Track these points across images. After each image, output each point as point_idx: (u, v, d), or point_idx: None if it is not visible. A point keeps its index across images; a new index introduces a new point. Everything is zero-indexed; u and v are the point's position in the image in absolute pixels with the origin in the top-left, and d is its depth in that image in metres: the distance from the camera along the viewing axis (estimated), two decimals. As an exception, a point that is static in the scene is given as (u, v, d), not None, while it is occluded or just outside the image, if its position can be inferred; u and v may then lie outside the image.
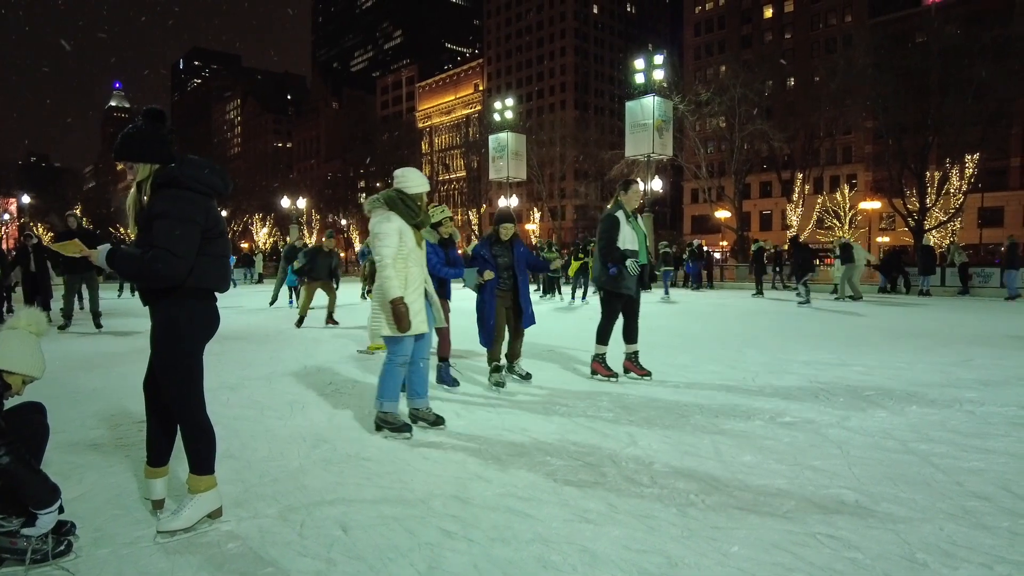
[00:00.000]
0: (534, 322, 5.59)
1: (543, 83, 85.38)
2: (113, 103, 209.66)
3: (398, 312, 3.75)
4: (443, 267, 5.28)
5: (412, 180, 3.99)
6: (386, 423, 3.99)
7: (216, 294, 2.69)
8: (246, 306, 15.03)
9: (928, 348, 7.53)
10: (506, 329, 5.51)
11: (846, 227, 47.25)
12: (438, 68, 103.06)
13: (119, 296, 18.33)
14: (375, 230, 3.86)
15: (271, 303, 14.60)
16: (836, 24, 59.11)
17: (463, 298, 7.60)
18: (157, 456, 2.75)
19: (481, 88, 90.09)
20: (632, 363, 5.81)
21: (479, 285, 5.32)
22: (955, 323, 10.48)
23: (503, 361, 5.57)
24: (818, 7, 60.95)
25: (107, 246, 2.52)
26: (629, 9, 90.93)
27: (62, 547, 2.39)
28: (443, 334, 5.47)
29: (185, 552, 2.43)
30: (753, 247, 19.68)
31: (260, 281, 29.96)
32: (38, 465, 2.51)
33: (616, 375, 5.72)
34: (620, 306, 5.65)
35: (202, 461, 2.62)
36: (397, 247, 3.83)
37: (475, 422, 4.32)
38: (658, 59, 26.98)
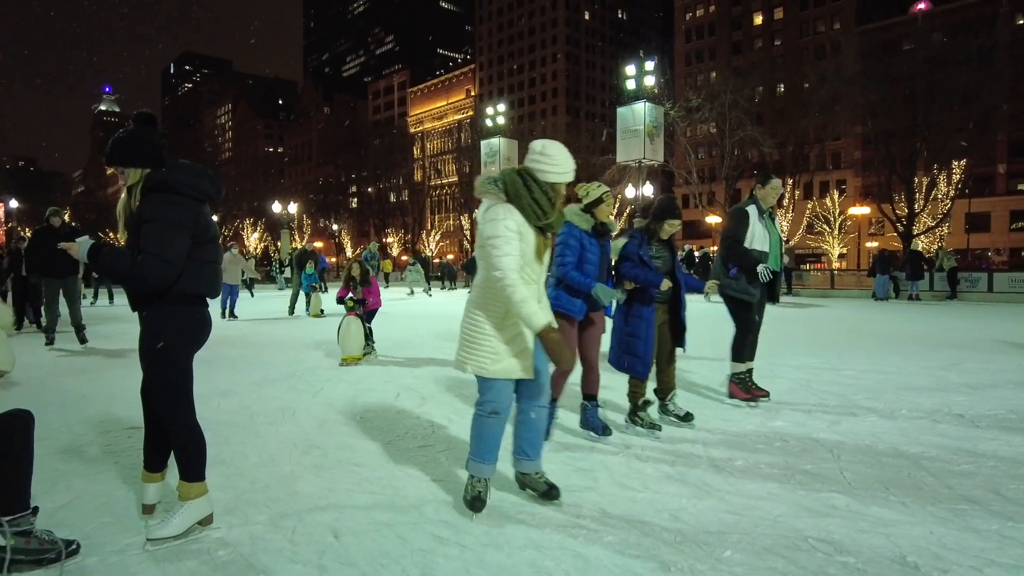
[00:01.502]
0: (685, 346, 4.39)
1: (535, 89, 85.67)
2: (103, 107, 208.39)
3: (552, 342, 2.65)
4: (585, 278, 3.76)
5: (556, 162, 2.77)
6: (468, 489, 2.93)
7: (207, 299, 2.67)
8: (238, 311, 14.92)
9: (917, 352, 7.58)
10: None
11: (836, 232, 47.62)
12: (430, 73, 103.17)
13: (93, 304, 17.32)
14: (487, 231, 2.70)
15: (290, 312, 13.62)
16: (825, 31, 59.68)
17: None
18: (153, 461, 2.73)
19: (473, 93, 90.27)
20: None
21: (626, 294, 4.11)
22: (944, 327, 10.56)
23: (650, 396, 4.32)
24: (807, 14, 61.55)
25: (89, 239, 2.46)
26: (620, 15, 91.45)
27: (73, 547, 2.40)
28: (590, 365, 4.08)
29: (175, 560, 2.40)
30: (699, 252, 20.85)
31: (252, 286, 29.77)
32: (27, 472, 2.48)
33: (757, 398, 4.91)
34: (754, 316, 4.86)
35: (192, 468, 2.60)
36: (520, 254, 2.71)
37: (466, 428, 4.29)
38: (649, 65, 27.16)
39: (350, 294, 7.30)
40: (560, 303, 3.75)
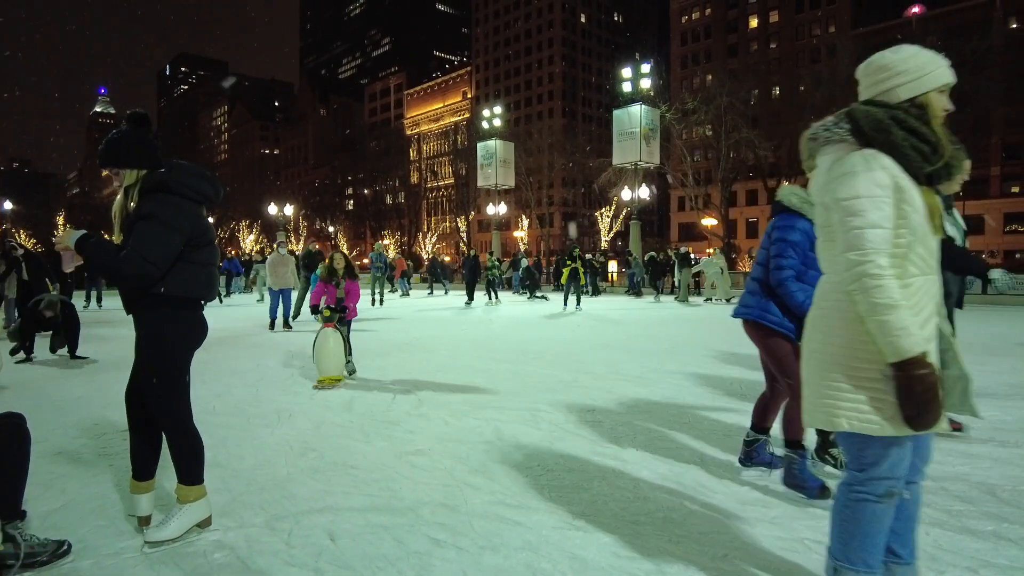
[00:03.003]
0: None
1: (531, 91, 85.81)
2: (98, 109, 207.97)
3: (921, 385, 1.65)
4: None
5: (902, 67, 1.79)
6: None
7: (203, 303, 2.65)
8: (233, 314, 14.90)
9: (912, 354, 7.60)
10: None
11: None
12: (426, 76, 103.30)
13: (85, 307, 16.50)
14: (841, 190, 1.73)
15: (294, 317, 11.92)
16: (820, 34, 59.99)
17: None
18: (143, 469, 2.68)
19: (469, 96, 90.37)
20: None
21: None
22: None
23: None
24: (803, 18, 61.85)
25: (81, 231, 2.43)
26: (616, 18, 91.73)
27: (63, 548, 2.39)
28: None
29: (170, 562, 2.39)
30: (646, 256, 22.28)
31: (247, 288, 29.71)
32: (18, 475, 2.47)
33: (961, 426, 4.06)
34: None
35: (190, 471, 2.59)
36: (894, 228, 1.71)
37: (463, 430, 4.30)
38: (645, 68, 27.29)
39: (324, 301, 6.15)
40: (773, 316, 2.93)
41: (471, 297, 17.77)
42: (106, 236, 2.60)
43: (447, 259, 25.49)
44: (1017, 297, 17.90)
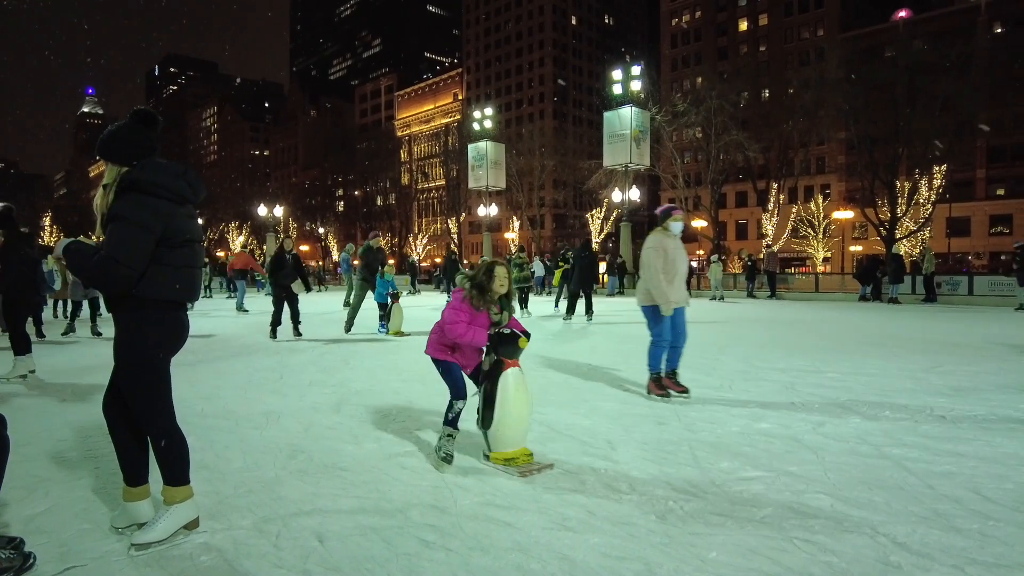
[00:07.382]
0: None
1: (522, 93, 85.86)
2: (86, 109, 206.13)
3: None
4: None
5: None
6: None
7: (184, 304, 2.61)
8: (227, 314, 14.79)
9: (899, 355, 7.67)
10: None
11: (820, 236, 48.12)
12: (417, 77, 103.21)
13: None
14: None
15: (347, 329, 10.31)
16: (809, 37, 60.47)
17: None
18: (134, 473, 2.63)
19: (460, 97, 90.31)
20: None
21: None
22: (925, 330, 10.70)
23: None
24: (791, 21, 62.32)
25: (65, 240, 2.45)
26: (607, 21, 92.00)
27: (29, 563, 2.34)
28: None
29: (156, 565, 2.37)
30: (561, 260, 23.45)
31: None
32: None
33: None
34: None
35: (175, 472, 2.56)
36: None
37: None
38: (635, 70, 27.34)
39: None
40: None
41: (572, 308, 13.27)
42: (92, 236, 2.57)
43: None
44: (1001, 298, 18.09)
